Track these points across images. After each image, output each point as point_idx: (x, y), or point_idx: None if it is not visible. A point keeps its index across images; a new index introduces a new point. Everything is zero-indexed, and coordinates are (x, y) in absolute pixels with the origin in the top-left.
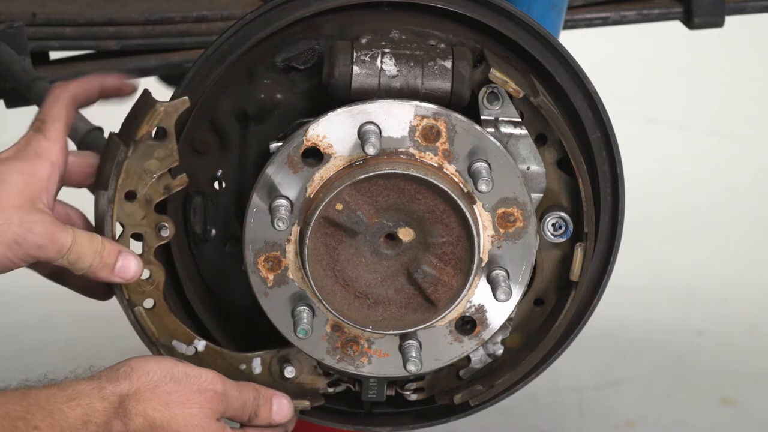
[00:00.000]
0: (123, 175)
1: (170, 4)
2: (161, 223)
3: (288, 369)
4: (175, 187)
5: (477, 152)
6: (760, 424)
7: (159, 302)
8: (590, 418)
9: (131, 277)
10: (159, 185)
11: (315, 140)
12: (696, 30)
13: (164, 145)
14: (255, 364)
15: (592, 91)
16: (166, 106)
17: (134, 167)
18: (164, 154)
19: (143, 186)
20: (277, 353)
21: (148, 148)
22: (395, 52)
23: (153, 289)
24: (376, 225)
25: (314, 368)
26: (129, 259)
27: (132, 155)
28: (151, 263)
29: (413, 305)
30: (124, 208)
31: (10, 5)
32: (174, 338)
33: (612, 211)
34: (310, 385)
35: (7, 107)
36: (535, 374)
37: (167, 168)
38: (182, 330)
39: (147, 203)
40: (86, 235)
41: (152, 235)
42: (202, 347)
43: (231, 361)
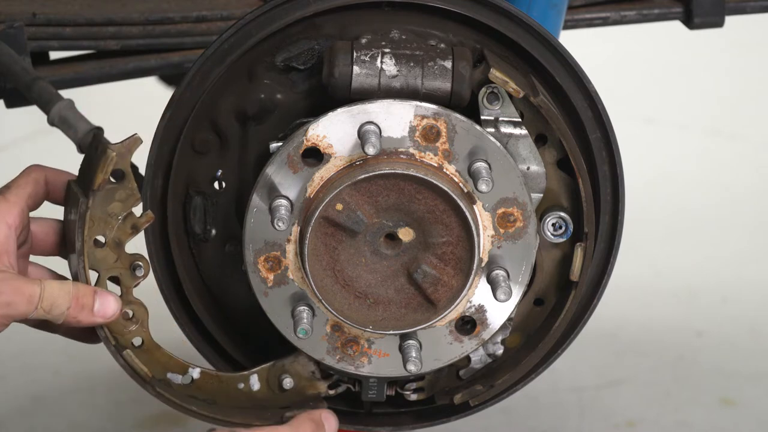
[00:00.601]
0: (88, 224)
1: (170, 4)
2: (135, 263)
3: (286, 381)
4: (142, 225)
5: (477, 152)
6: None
7: (147, 339)
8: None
9: (112, 315)
10: (126, 226)
11: (315, 140)
12: (696, 30)
13: (124, 185)
14: (252, 381)
15: (592, 91)
16: (117, 149)
17: (98, 213)
18: (126, 195)
19: (110, 230)
20: (272, 367)
21: (108, 192)
22: (395, 52)
23: (138, 328)
24: (376, 225)
25: (312, 374)
26: (106, 297)
27: (93, 204)
28: (132, 303)
29: (413, 305)
30: (96, 254)
31: (10, 5)
32: (168, 371)
33: (612, 211)
34: (310, 391)
35: (7, 107)
36: (535, 374)
37: (130, 208)
38: (175, 362)
39: (117, 246)
40: (55, 282)
41: (128, 276)
42: (198, 374)
43: (228, 383)
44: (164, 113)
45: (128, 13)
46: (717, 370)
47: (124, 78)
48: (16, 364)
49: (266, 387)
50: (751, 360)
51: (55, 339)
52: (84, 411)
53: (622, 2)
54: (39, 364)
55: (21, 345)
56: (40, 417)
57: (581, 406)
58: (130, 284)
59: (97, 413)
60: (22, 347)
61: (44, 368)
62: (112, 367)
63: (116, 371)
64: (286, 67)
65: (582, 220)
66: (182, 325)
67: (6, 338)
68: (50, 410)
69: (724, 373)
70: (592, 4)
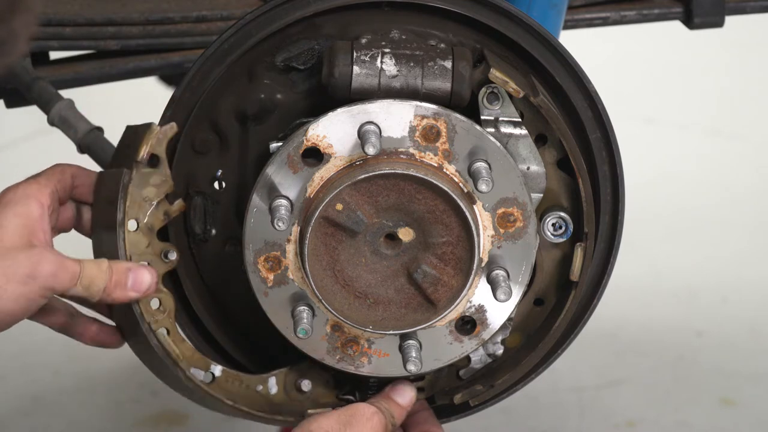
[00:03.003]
0: (129, 200)
1: (170, 4)
2: (166, 249)
3: (304, 383)
4: (174, 213)
5: (477, 152)
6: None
7: (172, 330)
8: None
9: (147, 289)
10: (159, 212)
11: (315, 140)
12: (696, 30)
13: (159, 171)
14: (271, 384)
15: (592, 91)
16: (159, 129)
17: (134, 195)
18: (160, 181)
19: (144, 214)
20: (290, 371)
21: (144, 176)
22: (395, 52)
23: (165, 317)
24: (376, 225)
25: (326, 383)
26: (140, 271)
27: (133, 181)
28: (161, 291)
29: (413, 305)
30: (129, 237)
31: None
32: (191, 365)
33: (612, 211)
34: (324, 399)
35: (7, 107)
36: (535, 374)
37: (164, 194)
38: (197, 356)
39: (149, 231)
40: (92, 261)
41: (159, 262)
42: (219, 372)
43: (248, 384)
44: (164, 113)
45: (128, 13)
46: (717, 370)
47: (124, 78)
48: (16, 364)
49: (283, 391)
50: (751, 360)
51: (55, 339)
52: (84, 411)
53: (622, 2)
54: (39, 364)
55: (21, 345)
56: (40, 417)
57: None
58: (161, 271)
59: (97, 413)
60: (22, 347)
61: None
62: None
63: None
64: (286, 67)
65: (582, 220)
66: (182, 325)
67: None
68: (50, 410)
69: (724, 373)
70: (592, 4)
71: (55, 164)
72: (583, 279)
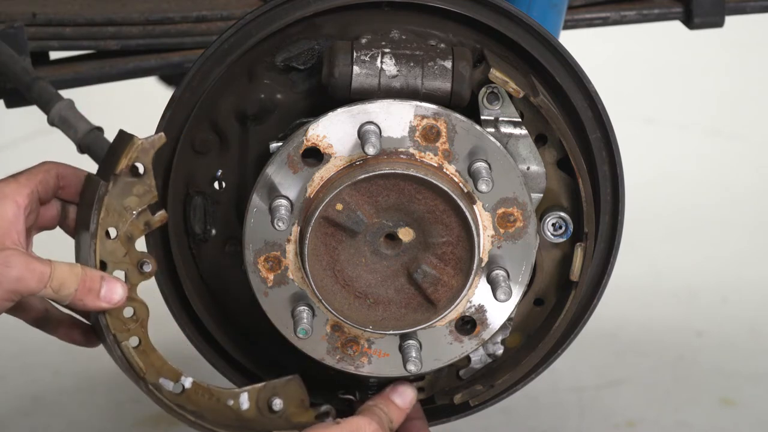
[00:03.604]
0: (104, 212)
1: (170, 4)
2: (143, 260)
3: (275, 402)
4: (156, 224)
5: (477, 152)
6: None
7: (144, 340)
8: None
9: (118, 301)
10: (139, 222)
11: (315, 140)
12: (696, 30)
13: (142, 181)
14: (242, 399)
15: (592, 91)
16: (143, 141)
17: (114, 204)
18: (143, 191)
19: (123, 223)
20: (263, 388)
21: (126, 185)
22: (395, 52)
23: (138, 327)
24: (376, 225)
25: (301, 402)
26: (113, 283)
27: (111, 192)
28: (135, 300)
29: (413, 305)
30: (106, 245)
31: (10, 5)
32: (161, 375)
33: (612, 211)
34: (297, 419)
35: (7, 107)
36: (535, 374)
37: (146, 204)
38: (168, 367)
39: (128, 240)
40: (65, 264)
41: (134, 273)
42: (189, 384)
43: (218, 397)
44: (164, 113)
45: (128, 13)
46: (717, 370)
47: (124, 78)
48: (16, 364)
49: (255, 407)
50: (751, 360)
51: (55, 339)
52: (84, 411)
53: (622, 2)
54: (39, 364)
55: (21, 345)
56: (40, 417)
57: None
58: (135, 281)
59: (97, 413)
60: (22, 347)
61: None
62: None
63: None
64: (286, 67)
65: (582, 220)
66: (182, 325)
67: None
68: (50, 410)
69: (724, 373)
70: (592, 4)
71: (42, 162)
72: (583, 279)
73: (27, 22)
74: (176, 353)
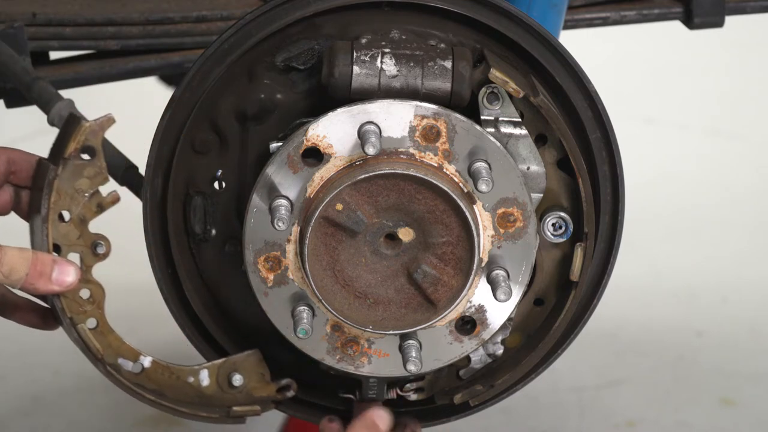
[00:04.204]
0: (55, 195)
1: (170, 4)
2: (97, 242)
3: (236, 377)
4: (108, 205)
5: (477, 152)
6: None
7: (102, 321)
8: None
9: (70, 284)
10: (91, 204)
11: (315, 140)
12: (696, 30)
13: (93, 163)
14: (203, 376)
15: (592, 91)
16: (91, 123)
17: (65, 187)
18: (94, 173)
19: (76, 205)
20: (223, 364)
21: (77, 168)
22: (395, 52)
23: (94, 308)
24: (376, 225)
25: (262, 376)
26: (65, 266)
27: (62, 175)
28: (90, 282)
29: (413, 305)
30: (59, 229)
31: (10, 5)
32: (119, 356)
33: (612, 211)
34: (259, 393)
35: (7, 107)
36: (535, 374)
37: (98, 186)
38: (126, 347)
39: (81, 222)
40: (15, 248)
41: (89, 254)
42: (149, 363)
43: (179, 375)
44: (164, 113)
45: (128, 13)
46: (717, 370)
47: (124, 78)
48: (16, 364)
49: (215, 383)
50: (751, 360)
51: (55, 339)
52: (84, 411)
53: (622, 2)
54: (39, 364)
55: (21, 345)
56: (40, 417)
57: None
58: (91, 263)
59: (97, 413)
60: (22, 347)
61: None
62: None
63: None
64: (286, 67)
65: (582, 220)
66: (182, 325)
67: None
68: (50, 410)
69: (724, 373)
70: (592, 4)
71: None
72: (583, 279)
73: (27, 22)
74: (176, 353)
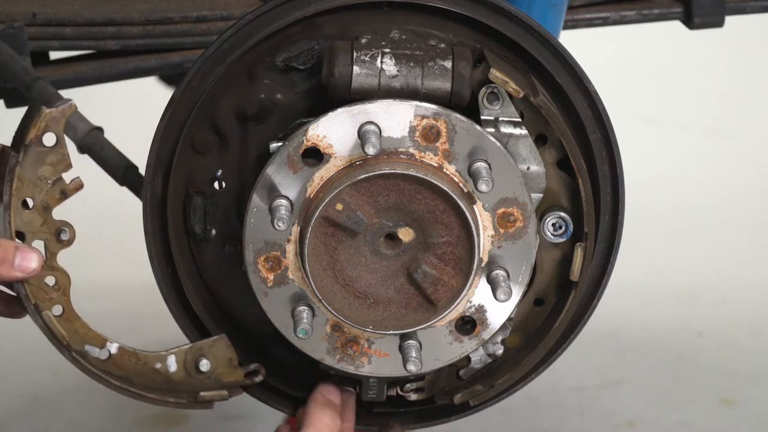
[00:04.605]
0: (17, 182)
1: (170, 4)
2: (61, 228)
3: (203, 363)
4: (71, 192)
5: (477, 152)
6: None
7: (67, 307)
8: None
9: (33, 270)
10: (54, 191)
11: (315, 140)
12: (696, 30)
13: (56, 150)
14: (170, 362)
15: (592, 91)
16: (52, 110)
17: (28, 174)
18: (56, 160)
19: (39, 193)
20: (190, 349)
21: (39, 155)
22: (395, 52)
23: (60, 295)
24: (376, 225)
25: (229, 361)
26: (28, 252)
27: (24, 162)
28: (55, 269)
29: (413, 305)
30: (23, 216)
31: (10, 5)
32: (86, 342)
33: (612, 211)
34: (226, 378)
35: (7, 107)
36: (535, 374)
37: (61, 173)
38: (93, 334)
39: (45, 209)
40: None
41: (53, 241)
42: (115, 349)
43: (146, 361)
44: (164, 113)
45: (128, 13)
46: (717, 370)
47: (124, 78)
48: (16, 364)
49: (183, 369)
50: (751, 360)
51: None
52: (84, 411)
53: (622, 2)
54: (39, 364)
55: (21, 345)
56: (40, 417)
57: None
58: (55, 250)
59: (97, 413)
60: (22, 347)
61: (44, 368)
62: None
63: None
64: (286, 67)
65: (582, 220)
66: (182, 325)
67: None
68: (50, 410)
69: (724, 373)
70: (592, 4)
71: None
72: (583, 279)
73: (27, 22)
74: None
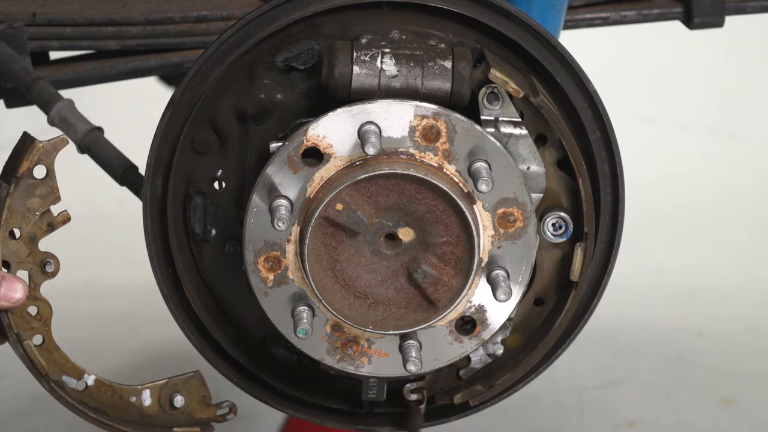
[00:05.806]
0: (6, 213)
1: (170, 4)
2: (46, 260)
3: (177, 399)
4: (58, 224)
5: (477, 152)
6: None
7: (48, 338)
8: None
9: (18, 300)
10: (42, 222)
11: (315, 140)
12: (696, 30)
13: (45, 183)
14: (145, 396)
15: (592, 91)
16: (45, 144)
17: (17, 206)
18: (46, 192)
19: (27, 224)
20: (165, 385)
21: (29, 187)
22: (395, 52)
23: (41, 326)
24: (376, 225)
25: (203, 398)
26: (13, 282)
27: (14, 193)
28: (38, 299)
29: (413, 305)
30: (9, 246)
31: (10, 5)
32: (64, 373)
33: (612, 211)
34: (199, 415)
35: (7, 107)
36: (535, 374)
37: (49, 205)
38: (71, 365)
39: (31, 240)
40: None
41: (38, 272)
42: (92, 381)
43: (121, 394)
44: (164, 113)
45: (128, 13)
46: (717, 370)
47: (124, 78)
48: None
49: (157, 404)
50: (751, 360)
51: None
52: None
53: (622, 2)
54: None
55: None
56: (40, 417)
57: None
58: (39, 281)
59: None
60: None
61: None
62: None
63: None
64: (286, 67)
65: (582, 220)
66: (182, 325)
67: None
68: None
69: (724, 373)
70: (592, 4)
71: None
72: (583, 279)
73: (27, 22)
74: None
